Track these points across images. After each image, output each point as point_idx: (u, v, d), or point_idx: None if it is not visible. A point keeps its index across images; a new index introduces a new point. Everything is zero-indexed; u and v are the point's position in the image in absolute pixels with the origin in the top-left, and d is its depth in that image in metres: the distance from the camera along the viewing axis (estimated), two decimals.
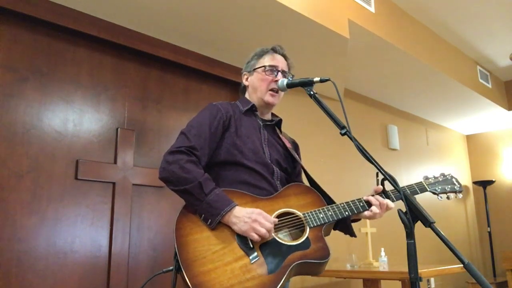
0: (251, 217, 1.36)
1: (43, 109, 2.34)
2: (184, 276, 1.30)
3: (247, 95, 1.75)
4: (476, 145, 6.31)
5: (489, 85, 5.08)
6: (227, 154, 1.55)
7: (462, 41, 4.43)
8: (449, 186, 1.67)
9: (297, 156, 1.73)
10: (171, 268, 1.38)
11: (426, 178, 1.67)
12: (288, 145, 1.73)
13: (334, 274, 3.08)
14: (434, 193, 1.64)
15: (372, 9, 3.36)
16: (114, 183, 2.51)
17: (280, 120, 1.79)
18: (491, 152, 6.14)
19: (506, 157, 5.98)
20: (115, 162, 2.55)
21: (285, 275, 1.34)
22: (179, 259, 1.33)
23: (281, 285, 1.32)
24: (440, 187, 1.65)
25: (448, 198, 1.66)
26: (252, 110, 1.69)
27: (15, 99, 2.24)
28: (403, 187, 1.58)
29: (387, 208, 1.53)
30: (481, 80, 4.91)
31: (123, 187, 2.54)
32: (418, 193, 1.59)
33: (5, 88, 2.22)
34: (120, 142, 2.59)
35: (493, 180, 5.87)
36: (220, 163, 1.55)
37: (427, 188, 1.63)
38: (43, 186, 2.26)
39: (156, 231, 2.67)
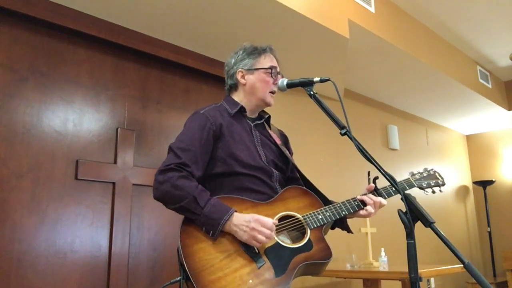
0: (248, 225, 1.37)
1: (43, 109, 2.34)
2: (195, 287, 1.30)
3: (236, 94, 1.70)
4: (476, 145, 6.31)
5: (489, 85, 5.08)
6: (225, 166, 1.53)
7: (462, 41, 4.43)
8: (433, 181, 1.74)
9: (287, 152, 1.72)
10: (178, 278, 1.37)
11: (412, 174, 1.74)
12: (278, 141, 1.73)
13: (334, 274, 3.07)
14: (420, 188, 1.72)
15: (372, 9, 3.36)
16: (114, 183, 2.51)
17: (269, 117, 1.77)
18: (491, 152, 6.14)
19: (506, 157, 5.98)
20: (115, 162, 2.55)
21: (292, 277, 1.37)
22: (186, 269, 1.32)
23: (289, 287, 1.35)
24: (426, 182, 1.73)
25: (433, 192, 1.73)
26: (240, 111, 1.66)
27: (15, 99, 2.24)
28: None
29: (380, 205, 1.59)
30: (481, 80, 4.91)
31: (123, 187, 2.54)
32: (407, 189, 1.67)
33: (5, 88, 2.22)
34: (120, 142, 2.59)
35: (493, 180, 5.87)
36: (219, 174, 1.54)
37: (415, 184, 1.70)
38: (43, 186, 2.26)
39: (156, 231, 2.67)
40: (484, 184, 5.85)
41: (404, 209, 1.25)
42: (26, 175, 2.21)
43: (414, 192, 1.51)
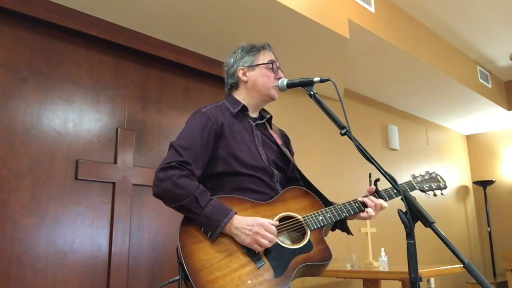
0: (252, 230, 1.36)
1: (43, 109, 2.34)
2: (193, 286, 1.29)
3: (237, 93, 1.69)
4: (476, 145, 6.31)
5: (489, 85, 5.08)
6: (225, 165, 1.53)
7: (462, 41, 4.43)
8: (435, 184, 1.73)
9: (288, 153, 1.72)
10: (177, 277, 1.37)
11: (414, 176, 1.74)
12: (279, 141, 1.72)
13: (334, 274, 3.08)
14: (422, 191, 1.70)
15: (372, 9, 3.36)
16: (114, 183, 2.51)
17: (271, 117, 1.76)
18: (491, 152, 6.14)
19: (506, 157, 5.98)
20: (115, 162, 2.55)
21: (291, 278, 1.36)
22: (185, 268, 1.32)
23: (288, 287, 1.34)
24: (427, 185, 1.72)
25: (435, 195, 1.72)
26: (242, 110, 1.65)
27: (15, 99, 2.24)
28: None
29: (381, 208, 1.58)
30: (481, 80, 4.91)
31: (123, 187, 2.54)
32: (408, 192, 1.64)
33: (5, 88, 2.22)
34: (120, 142, 2.59)
35: (493, 180, 5.87)
36: (219, 174, 1.54)
37: (416, 187, 1.69)
38: (43, 186, 2.26)
39: (156, 231, 2.67)
40: (484, 184, 5.85)
41: (404, 209, 1.25)
42: (26, 175, 2.21)
43: (414, 192, 1.51)
